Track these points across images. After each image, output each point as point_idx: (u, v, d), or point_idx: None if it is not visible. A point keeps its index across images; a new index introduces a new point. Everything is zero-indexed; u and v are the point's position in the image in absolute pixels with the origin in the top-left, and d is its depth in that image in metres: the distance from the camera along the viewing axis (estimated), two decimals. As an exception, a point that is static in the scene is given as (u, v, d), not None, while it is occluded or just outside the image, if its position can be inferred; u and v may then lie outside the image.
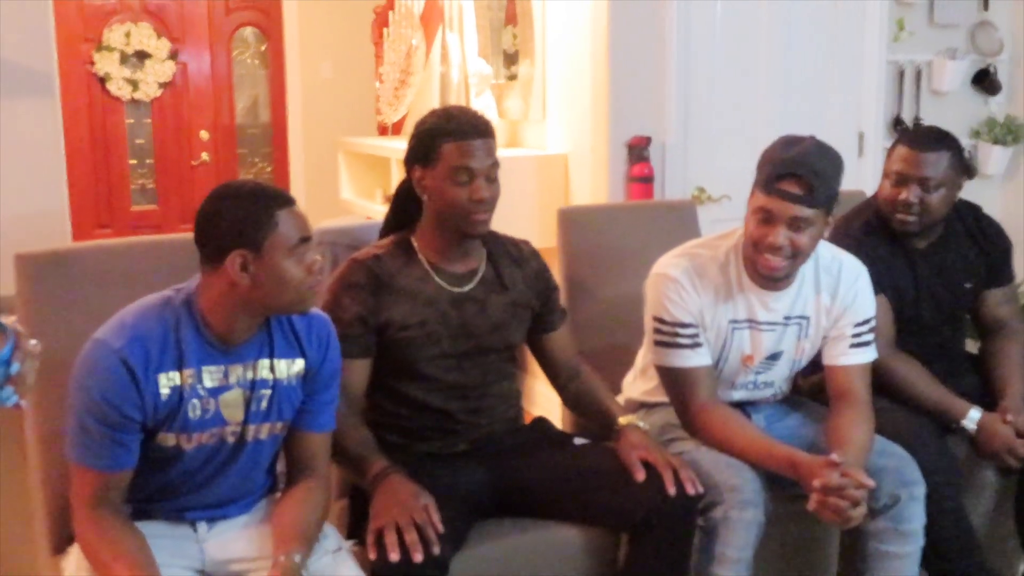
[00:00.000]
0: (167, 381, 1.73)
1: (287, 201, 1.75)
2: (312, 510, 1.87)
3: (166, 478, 1.82)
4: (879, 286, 2.46)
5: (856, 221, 2.63)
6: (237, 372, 1.80)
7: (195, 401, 1.75)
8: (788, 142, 2.16)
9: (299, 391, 1.87)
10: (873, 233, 2.57)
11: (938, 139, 2.53)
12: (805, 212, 2.09)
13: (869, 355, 2.30)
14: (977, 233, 2.67)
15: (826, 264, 2.29)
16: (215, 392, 1.78)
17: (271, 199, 1.73)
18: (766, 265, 2.15)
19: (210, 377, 1.77)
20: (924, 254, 2.59)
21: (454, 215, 2.11)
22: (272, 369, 1.83)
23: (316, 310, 1.92)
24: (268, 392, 1.83)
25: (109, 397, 1.69)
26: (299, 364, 1.86)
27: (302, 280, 1.74)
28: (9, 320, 1.33)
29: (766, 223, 2.12)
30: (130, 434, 1.72)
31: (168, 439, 1.77)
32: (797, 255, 2.13)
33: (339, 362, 1.94)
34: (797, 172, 2.08)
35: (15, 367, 1.26)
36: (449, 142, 2.08)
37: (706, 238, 2.38)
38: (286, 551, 1.75)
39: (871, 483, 2.02)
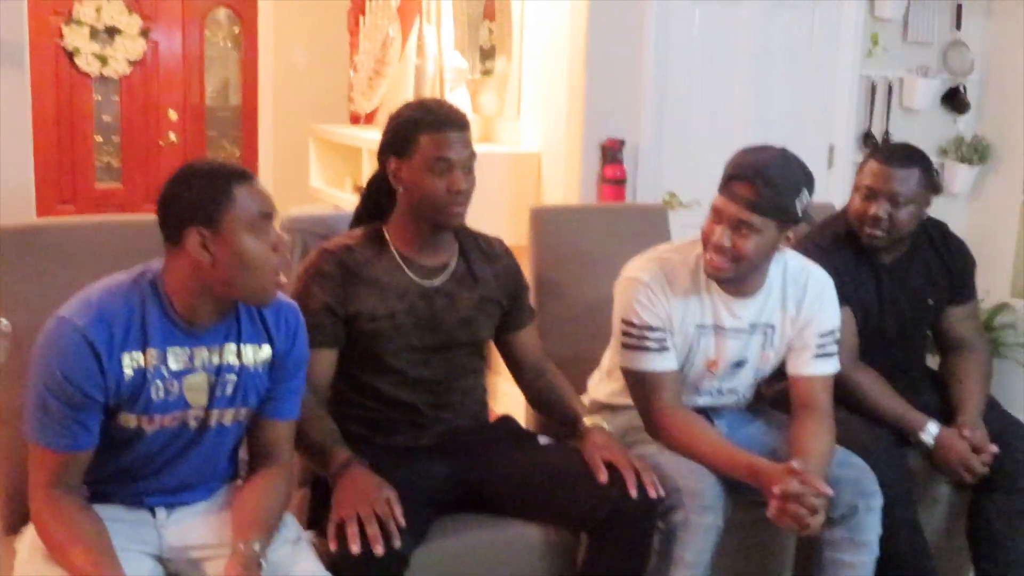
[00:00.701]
0: (131, 361, 1.70)
1: (246, 177, 1.73)
2: (273, 498, 1.85)
3: (126, 460, 1.80)
4: (844, 298, 2.48)
5: (825, 232, 2.65)
6: (202, 355, 1.78)
7: (158, 383, 1.73)
8: (755, 148, 2.19)
9: (265, 378, 1.86)
10: (841, 246, 2.60)
11: (909, 156, 2.55)
12: (751, 217, 2.10)
13: (832, 366, 2.33)
14: (942, 249, 2.70)
15: (794, 274, 2.31)
16: (179, 375, 1.76)
17: (228, 175, 1.71)
18: (709, 263, 2.18)
19: (175, 359, 1.75)
20: (889, 269, 2.62)
21: (431, 207, 2.10)
22: (239, 355, 1.81)
23: (285, 298, 1.90)
24: (234, 377, 1.81)
25: (71, 376, 1.66)
26: (266, 351, 1.84)
27: (266, 259, 1.71)
28: None
29: (715, 221, 2.15)
30: (91, 414, 1.70)
31: (130, 420, 1.74)
32: (740, 259, 2.14)
33: (307, 351, 1.93)
34: (749, 176, 2.10)
35: None
36: (427, 134, 2.07)
37: (676, 243, 2.40)
38: (245, 539, 1.74)
39: (830, 492, 2.04)
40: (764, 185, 2.09)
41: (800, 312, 2.30)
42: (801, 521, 2.00)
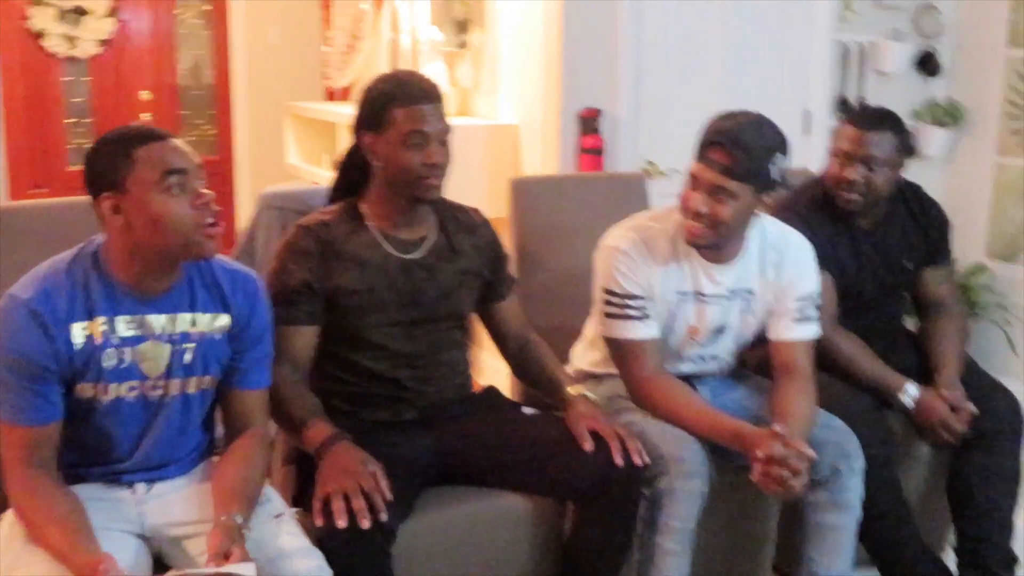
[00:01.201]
0: (80, 330, 1.73)
1: (151, 137, 1.72)
2: (251, 467, 1.86)
3: (94, 436, 1.81)
4: (823, 264, 2.49)
5: (802, 198, 2.65)
6: (154, 323, 1.79)
7: (109, 350, 1.75)
8: (729, 114, 2.19)
9: (226, 346, 1.86)
10: (818, 210, 2.60)
11: (883, 119, 2.56)
12: (726, 183, 2.12)
13: (812, 330, 2.34)
14: (918, 212, 2.71)
15: (773, 240, 2.32)
16: (130, 342, 1.77)
17: (131, 138, 1.72)
18: (688, 229, 2.19)
19: (124, 326, 1.76)
20: (867, 233, 2.63)
21: (407, 180, 2.09)
22: (194, 323, 1.82)
23: (244, 267, 1.92)
24: (192, 346, 1.82)
25: (21, 348, 1.69)
26: (223, 319, 1.85)
27: (181, 215, 1.70)
28: None
29: (692, 188, 2.17)
30: (48, 384, 1.72)
31: (86, 390, 1.76)
32: (717, 225, 2.15)
33: (268, 319, 1.93)
34: (723, 142, 2.11)
35: None
36: (401, 107, 2.06)
37: (655, 211, 2.40)
38: (227, 511, 1.74)
39: (812, 454, 2.06)
40: (739, 150, 2.10)
41: (780, 277, 2.31)
42: (784, 484, 2.02)
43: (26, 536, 1.70)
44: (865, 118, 2.58)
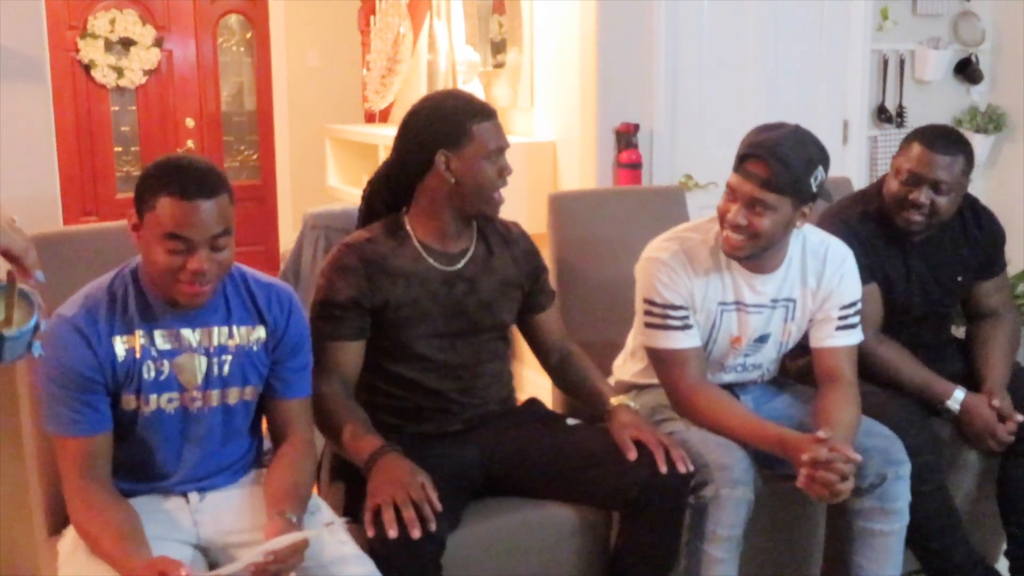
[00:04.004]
0: (122, 343, 1.81)
1: (172, 190, 1.73)
2: (297, 471, 1.91)
3: (140, 450, 1.87)
4: (871, 274, 2.49)
5: (853, 209, 2.61)
6: (190, 336, 1.85)
7: (149, 362, 1.82)
8: (768, 126, 2.20)
9: (264, 356, 1.92)
10: (870, 222, 2.56)
11: (954, 142, 2.49)
12: (765, 195, 2.12)
13: (855, 337, 2.34)
14: (972, 225, 2.65)
15: (813, 248, 2.33)
16: (168, 355, 1.84)
17: (157, 183, 1.74)
18: (726, 241, 2.20)
19: (162, 339, 1.84)
20: (918, 247, 2.58)
21: (481, 194, 2.14)
22: (231, 335, 1.88)
23: (278, 281, 1.99)
24: (229, 358, 1.88)
25: (67, 362, 1.77)
26: (260, 331, 1.91)
27: (164, 267, 1.75)
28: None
29: (730, 200, 2.17)
30: (96, 395, 1.79)
31: (129, 402, 1.83)
32: (756, 237, 2.16)
33: (305, 330, 1.99)
34: (762, 155, 2.12)
35: (43, 324, 1.35)
36: (478, 123, 2.11)
37: (695, 222, 2.41)
38: (279, 510, 1.79)
39: (858, 457, 2.05)
40: (777, 163, 2.11)
41: (820, 285, 2.32)
42: (832, 487, 2.01)
43: (87, 552, 1.76)
44: (936, 140, 2.48)
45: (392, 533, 1.83)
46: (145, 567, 1.63)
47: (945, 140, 2.49)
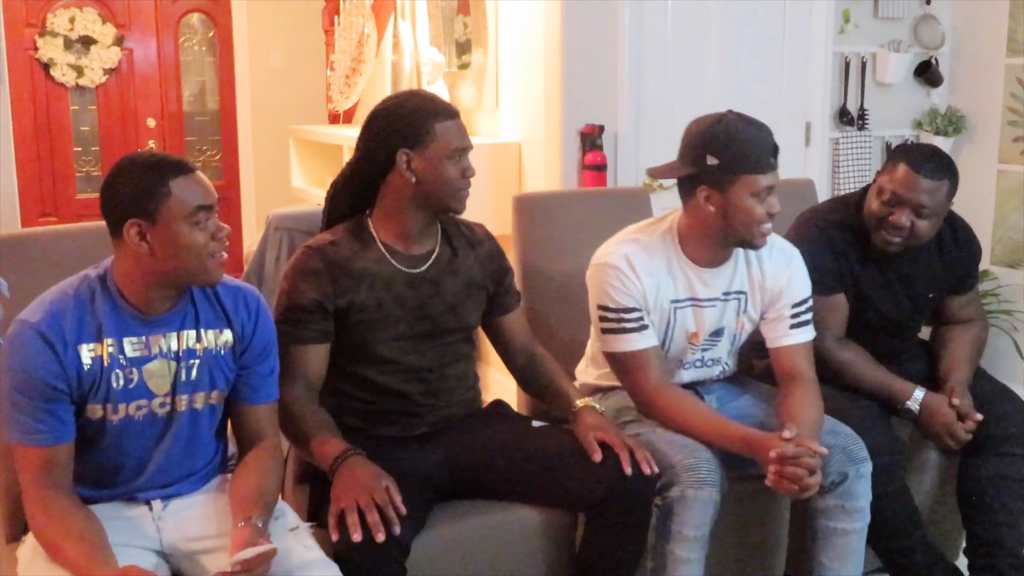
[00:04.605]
0: (88, 352, 1.76)
1: (183, 169, 1.77)
2: (264, 476, 1.89)
3: (106, 457, 1.84)
4: (840, 284, 2.51)
5: (831, 217, 2.60)
6: (159, 342, 1.82)
7: (117, 371, 1.79)
8: (742, 126, 2.20)
9: (230, 361, 1.90)
10: (846, 233, 2.56)
11: (941, 167, 2.44)
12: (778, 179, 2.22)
13: (809, 334, 2.37)
14: (949, 241, 2.62)
15: None
16: (137, 362, 1.80)
17: (165, 168, 1.75)
18: (763, 235, 2.23)
19: (131, 347, 1.80)
20: (893, 261, 2.57)
21: (445, 193, 2.12)
22: (199, 339, 1.86)
23: (245, 284, 1.96)
24: (196, 362, 1.85)
25: (31, 370, 1.72)
26: (227, 335, 1.89)
27: (202, 246, 1.76)
28: None
29: (769, 195, 2.20)
30: (60, 404, 1.75)
31: (96, 411, 1.79)
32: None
33: (272, 335, 1.97)
34: (774, 142, 2.19)
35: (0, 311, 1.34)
36: (441, 122, 2.10)
37: (640, 224, 2.42)
38: (245, 516, 1.77)
39: (824, 451, 2.08)
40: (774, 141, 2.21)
41: (766, 278, 2.34)
42: (800, 482, 2.03)
43: (47, 558, 1.73)
44: (924, 163, 2.43)
45: (356, 537, 1.83)
46: None
47: (932, 164, 2.44)
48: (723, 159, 2.18)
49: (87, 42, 5.90)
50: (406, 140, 2.10)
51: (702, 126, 2.23)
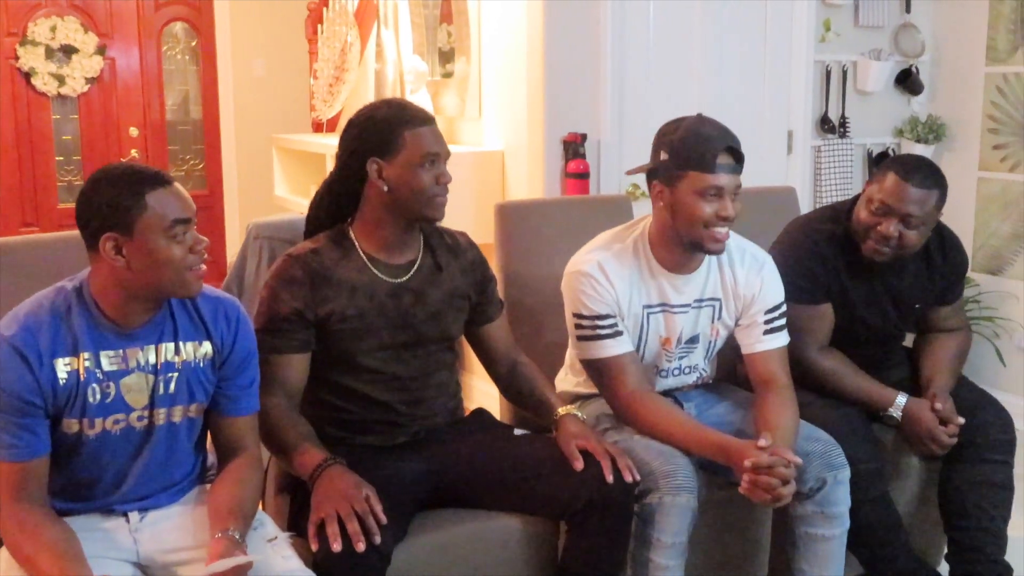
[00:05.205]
0: (64, 366, 1.74)
1: (160, 182, 1.74)
2: (244, 487, 1.88)
3: (82, 470, 1.82)
4: (826, 294, 2.51)
5: (820, 225, 2.59)
6: (137, 356, 1.80)
7: (94, 385, 1.76)
8: (692, 123, 2.22)
9: (210, 373, 1.88)
10: (835, 244, 2.55)
11: (930, 176, 2.43)
12: (739, 180, 2.21)
13: (783, 339, 2.38)
14: (937, 252, 2.62)
15: (729, 251, 2.35)
16: (114, 376, 1.78)
17: (141, 181, 1.73)
18: (714, 239, 2.21)
19: (108, 361, 1.77)
20: (880, 272, 2.56)
21: (419, 201, 2.11)
22: (177, 351, 1.83)
23: (225, 295, 1.93)
24: (175, 375, 1.83)
25: (5, 384, 1.70)
26: (206, 347, 1.87)
27: (180, 260, 1.74)
28: None
29: (716, 198, 2.18)
30: (35, 419, 1.73)
31: (72, 425, 1.77)
32: (734, 221, 2.22)
33: (252, 345, 1.95)
34: (732, 144, 2.18)
35: None
36: (409, 130, 2.09)
37: (613, 231, 2.42)
38: (223, 528, 1.76)
39: (798, 460, 2.09)
40: (739, 146, 2.20)
41: (738, 284, 2.35)
42: (773, 492, 2.04)
43: (21, 572, 1.71)
44: (913, 172, 2.41)
45: (336, 547, 1.81)
46: None
47: (921, 174, 2.42)
48: (672, 154, 2.21)
49: (69, 51, 5.88)
50: (376, 149, 2.10)
51: (666, 125, 2.27)
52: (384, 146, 2.09)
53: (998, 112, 4.15)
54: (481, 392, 3.54)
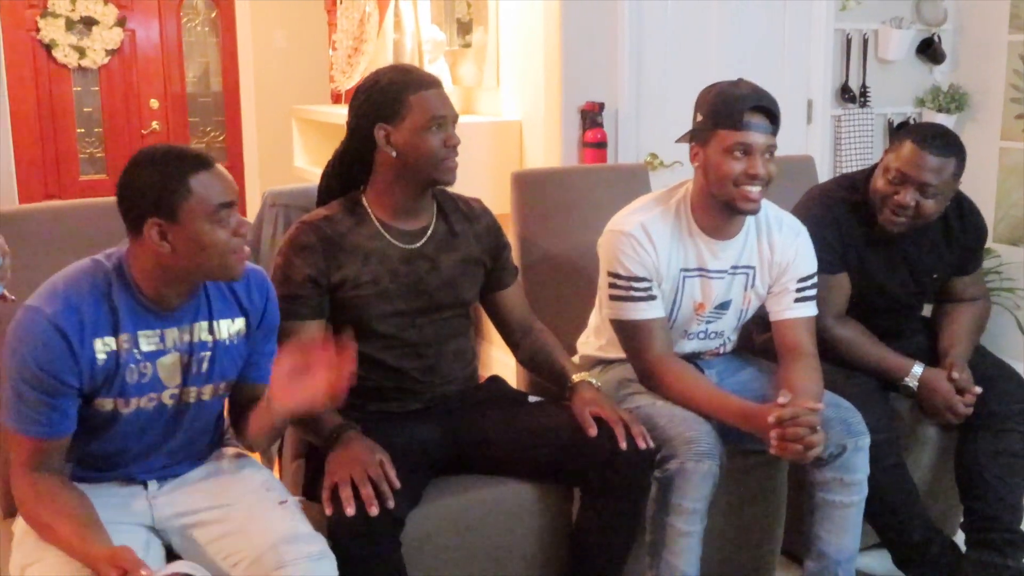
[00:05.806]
0: (103, 346, 1.71)
1: (202, 164, 1.71)
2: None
3: (109, 444, 1.81)
4: (843, 264, 2.50)
5: (838, 194, 2.58)
6: (173, 335, 1.78)
7: (132, 366, 1.74)
8: (726, 84, 2.24)
9: (242, 349, 1.88)
10: (853, 213, 2.54)
11: (948, 144, 2.41)
12: (773, 140, 2.19)
13: (812, 309, 2.37)
14: (955, 225, 2.60)
15: (768, 219, 2.36)
16: (152, 356, 1.76)
17: (184, 164, 1.69)
18: (746, 198, 2.20)
19: (147, 341, 1.75)
20: (898, 242, 2.55)
21: (428, 165, 2.10)
22: (211, 331, 1.83)
23: (253, 266, 1.91)
24: (208, 354, 1.82)
25: (44, 365, 1.66)
26: (239, 323, 1.86)
27: (225, 244, 1.71)
28: None
29: (746, 155, 2.17)
30: (67, 399, 1.70)
31: (106, 404, 1.75)
32: (769, 182, 2.21)
33: (277, 315, 1.95)
34: (763, 103, 2.17)
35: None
36: (416, 93, 2.09)
37: (656, 193, 2.42)
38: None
39: (820, 406, 2.08)
40: (775, 106, 2.20)
41: (774, 253, 2.34)
42: (803, 440, 2.03)
43: (37, 537, 1.72)
44: (930, 140, 2.40)
45: (350, 511, 1.83)
46: (107, 557, 1.59)
47: (939, 141, 2.41)
48: (705, 115, 2.22)
49: (89, 23, 5.89)
50: (383, 115, 2.10)
51: (705, 88, 2.29)
52: (390, 111, 2.09)
53: (1021, 81, 4.10)
54: (498, 361, 3.55)
